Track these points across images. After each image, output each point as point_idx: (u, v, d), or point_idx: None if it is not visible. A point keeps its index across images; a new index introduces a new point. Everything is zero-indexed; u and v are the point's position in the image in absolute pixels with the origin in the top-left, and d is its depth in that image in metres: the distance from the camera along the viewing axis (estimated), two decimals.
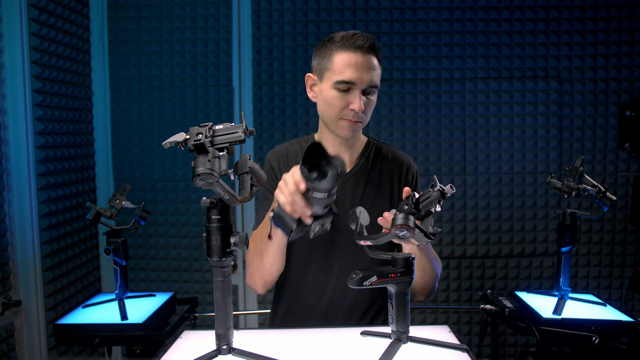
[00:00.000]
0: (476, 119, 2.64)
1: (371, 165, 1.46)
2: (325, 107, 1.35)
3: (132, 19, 2.66)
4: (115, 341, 1.76)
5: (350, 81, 1.28)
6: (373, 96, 1.35)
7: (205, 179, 0.88)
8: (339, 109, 1.32)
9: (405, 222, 0.96)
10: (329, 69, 1.32)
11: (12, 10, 2.00)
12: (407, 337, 1.06)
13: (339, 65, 1.30)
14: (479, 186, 2.65)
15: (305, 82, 1.43)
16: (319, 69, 1.36)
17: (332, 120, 1.35)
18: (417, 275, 1.32)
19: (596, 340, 1.64)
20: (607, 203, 1.74)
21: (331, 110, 1.34)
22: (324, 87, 1.34)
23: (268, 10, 2.63)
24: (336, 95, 1.31)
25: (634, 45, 2.58)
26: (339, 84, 1.29)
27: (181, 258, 2.72)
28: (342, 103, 1.31)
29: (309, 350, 1.12)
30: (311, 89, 1.42)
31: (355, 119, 1.33)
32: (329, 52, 1.33)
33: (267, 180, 1.43)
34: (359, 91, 1.29)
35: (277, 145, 1.52)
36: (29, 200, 2.08)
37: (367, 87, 1.31)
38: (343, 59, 1.29)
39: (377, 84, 1.33)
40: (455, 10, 2.62)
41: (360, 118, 1.33)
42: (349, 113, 1.32)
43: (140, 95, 2.70)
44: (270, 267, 1.33)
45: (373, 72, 1.31)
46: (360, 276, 0.99)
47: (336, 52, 1.31)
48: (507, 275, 2.69)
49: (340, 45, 1.31)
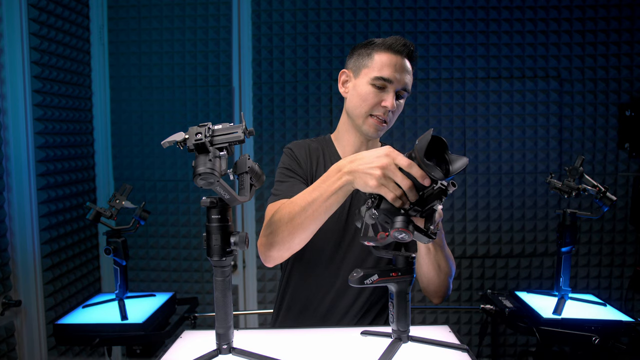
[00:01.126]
0: (476, 119, 2.64)
1: None
2: (358, 102, 1.39)
3: (132, 19, 2.66)
4: (115, 341, 1.75)
5: (387, 79, 1.34)
6: (402, 100, 1.40)
7: (206, 178, 0.88)
8: (371, 105, 1.36)
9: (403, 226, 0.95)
10: (368, 66, 1.37)
11: (12, 10, 2.00)
12: (407, 336, 1.06)
13: (379, 63, 1.35)
14: (479, 186, 2.65)
15: (339, 78, 1.47)
16: (356, 65, 1.41)
17: (362, 116, 1.38)
18: (433, 274, 1.33)
19: (596, 340, 1.64)
20: (607, 203, 1.74)
21: (364, 105, 1.37)
22: (359, 83, 1.38)
23: (268, 10, 2.63)
24: (371, 91, 1.35)
25: (634, 45, 2.58)
26: (376, 80, 1.34)
27: (181, 258, 2.72)
28: (376, 99, 1.36)
29: (309, 350, 1.12)
30: (344, 84, 1.46)
31: (384, 117, 1.37)
32: (370, 51, 1.38)
33: (289, 164, 1.44)
34: (393, 90, 1.35)
35: (295, 141, 1.53)
36: (29, 200, 2.08)
37: (400, 89, 1.36)
38: (383, 59, 1.35)
39: (409, 88, 1.39)
40: (455, 10, 2.62)
41: (388, 119, 1.38)
42: (380, 109, 1.36)
43: (140, 95, 2.70)
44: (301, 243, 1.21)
45: (408, 75, 1.37)
46: (361, 275, 0.99)
47: (378, 51, 1.36)
48: (507, 275, 2.69)
49: (382, 46, 1.37)
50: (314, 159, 1.46)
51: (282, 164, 1.45)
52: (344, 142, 1.48)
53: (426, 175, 0.92)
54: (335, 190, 1.07)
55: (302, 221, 1.15)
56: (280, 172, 1.44)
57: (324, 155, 1.48)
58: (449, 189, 0.98)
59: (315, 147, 1.49)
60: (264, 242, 1.24)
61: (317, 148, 1.49)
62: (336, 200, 1.10)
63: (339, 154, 1.48)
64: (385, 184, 0.97)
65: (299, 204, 1.15)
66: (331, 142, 1.52)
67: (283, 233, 1.18)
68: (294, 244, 1.21)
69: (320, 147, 1.50)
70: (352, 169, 1.03)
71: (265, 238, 1.23)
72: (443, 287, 1.38)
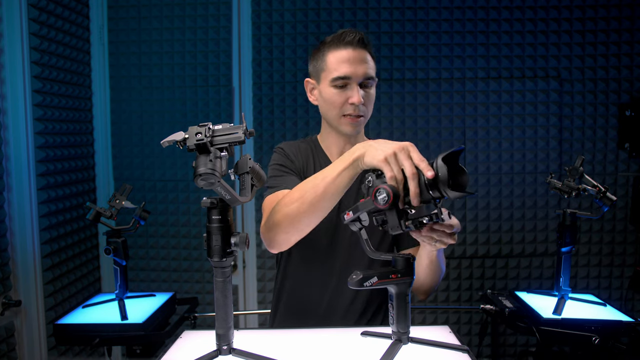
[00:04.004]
0: (476, 119, 2.64)
1: None
2: (327, 107, 1.38)
3: (132, 19, 2.66)
4: (115, 341, 1.75)
5: (345, 76, 1.32)
6: (371, 89, 1.37)
7: (207, 179, 0.88)
8: (339, 106, 1.36)
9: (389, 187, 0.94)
10: (324, 69, 1.37)
11: (12, 10, 2.00)
12: (407, 337, 1.06)
13: (333, 63, 1.34)
14: (479, 186, 2.65)
15: (305, 88, 1.47)
16: (315, 71, 1.41)
17: (335, 119, 1.38)
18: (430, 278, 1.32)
19: (596, 340, 1.64)
20: (607, 203, 1.74)
21: (332, 108, 1.37)
22: (322, 88, 1.38)
23: (268, 10, 2.63)
24: (335, 93, 1.35)
25: (634, 45, 2.58)
26: (336, 81, 1.34)
27: (181, 258, 2.72)
28: (342, 99, 1.35)
29: (309, 351, 1.12)
30: (311, 92, 1.45)
31: (356, 113, 1.35)
32: (322, 54, 1.38)
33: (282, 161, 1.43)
34: (355, 85, 1.33)
35: (284, 142, 1.53)
36: (29, 200, 2.08)
37: (363, 80, 1.34)
38: (336, 57, 1.34)
39: (372, 75, 1.36)
40: (455, 10, 2.62)
41: (362, 112, 1.36)
42: (350, 108, 1.35)
43: (140, 95, 2.70)
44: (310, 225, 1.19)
45: (366, 64, 1.34)
46: (361, 277, 0.99)
47: (328, 51, 1.36)
48: (507, 275, 2.69)
49: (331, 44, 1.36)
50: (304, 157, 1.47)
51: (274, 161, 1.45)
52: (328, 143, 1.48)
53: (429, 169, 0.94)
54: (347, 165, 1.07)
55: (312, 199, 1.12)
56: (274, 168, 1.42)
57: (312, 155, 1.49)
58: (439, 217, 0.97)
59: (304, 147, 1.50)
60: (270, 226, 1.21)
61: (306, 148, 1.50)
62: (348, 175, 1.09)
63: (326, 154, 1.49)
64: (390, 162, 0.98)
65: (311, 182, 1.13)
66: (318, 143, 1.52)
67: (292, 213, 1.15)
68: (302, 225, 1.17)
69: (309, 147, 1.50)
70: (367, 145, 1.05)
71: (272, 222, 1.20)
72: (434, 286, 1.38)
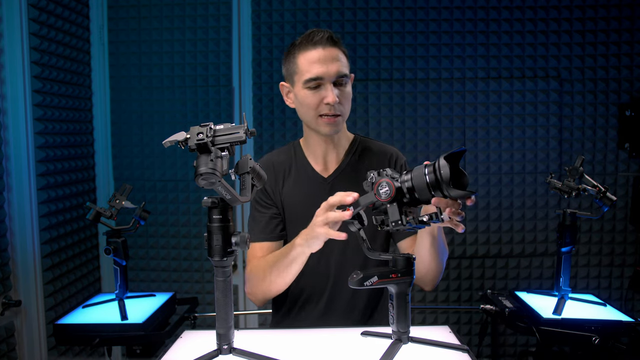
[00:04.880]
0: (476, 119, 2.64)
1: (359, 161, 1.48)
2: (303, 109, 1.38)
3: (132, 19, 2.66)
4: (115, 341, 1.75)
5: (317, 77, 1.32)
6: (346, 87, 1.37)
7: (208, 178, 0.88)
8: (314, 107, 1.35)
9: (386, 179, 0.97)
10: (297, 71, 1.36)
11: (12, 10, 1.99)
12: (407, 337, 1.06)
13: (304, 65, 1.34)
14: (479, 186, 2.65)
15: (281, 92, 1.46)
16: (289, 74, 1.41)
17: (312, 120, 1.38)
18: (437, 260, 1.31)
19: (596, 340, 1.64)
20: (607, 203, 1.74)
21: (308, 110, 1.37)
22: (297, 90, 1.38)
23: (268, 10, 2.63)
24: (309, 94, 1.35)
25: (634, 45, 2.58)
26: (309, 82, 1.33)
27: (181, 258, 2.72)
28: (316, 100, 1.34)
29: (309, 350, 1.12)
30: (287, 96, 1.46)
31: (332, 112, 1.34)
32: (293, 56, 1.38)
33: (258, 196, 1.46)
34: (329, 84, 1.33)
35: (260, 159, 1.53)
36: (29, 200, 2.08)
37: (336, 78, 1.33)
38: (306, 58, 1.34)
39: (345, 72, 1.35)
40: (455, 10, 2.62)
41: (338, 111, 1.35)
42: (325, 108, 1.34)
43: (140, 95, 2.70)
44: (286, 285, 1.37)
45: (338, 62, 1.33)
46: (361, 276, 0.99)
47: (299, 53, 1.36)
48: (507, 275, 2.69)
49: (300, 46, 1.36)
50: (280, 175, 1.47)
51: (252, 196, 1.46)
52: (311, 146, 1.48)
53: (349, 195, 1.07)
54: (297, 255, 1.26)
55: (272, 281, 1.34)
56: (252, 205, 1.49)
57: (290, 165, 1.48)
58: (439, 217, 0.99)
59: (280, 161, 1.49)
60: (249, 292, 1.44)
61: (282, 162, 1.49)
62: (298, 264, 1.28)
63: (307, 159, 1.48)
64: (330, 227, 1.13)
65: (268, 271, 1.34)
66: (300, 148, 1.51)
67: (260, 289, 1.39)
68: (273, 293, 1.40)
69: (287, 158, 1.50)
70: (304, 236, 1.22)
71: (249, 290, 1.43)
72: (440, 272, 1.37)
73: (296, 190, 1.46)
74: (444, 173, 0.92)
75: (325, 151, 1.46)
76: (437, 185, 0.93)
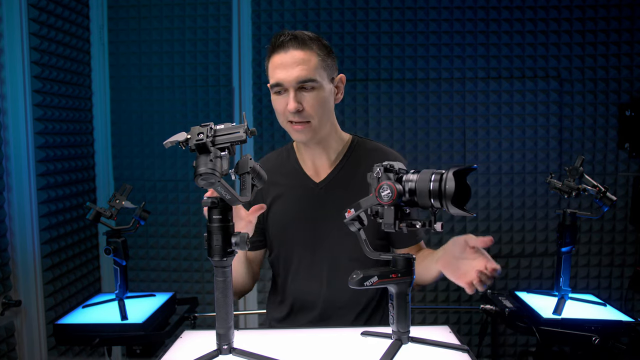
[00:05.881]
0: (476, 119, 2.64)
1: (355, 163, 1.41)
2: (277, 115, 1.34)
3: (132, 19, 2.66)
4: (115, 341, 1.75)
5: (277, 83, 1.27)
6: (315, 92, 1.27)
7: (207, 178, 0.88)
8: (281, 113, 1.31)
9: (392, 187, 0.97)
10: (268, 76, 1.31)
11: (12, 10, 1.99)
12: (407, 337, 1.06)
13: (270, 69, 1.29)
14: (479, 186, 2.65)
15: None
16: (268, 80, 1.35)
17: (284, 126, 1.34)
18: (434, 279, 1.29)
19: (596, 340, 1.64)
20: (607, 203, 1.74)
21: (279, 117, 1.33)
22: (272, 96, 1.33)
23: (268, 10, 2.63)
24: (275, 99, 1.30)
25: (634, 45, 2.58)
26: (273, 88, 1.29)
27: (181, 258, 2.72)
28: (282, 106, 1.29)
29: (309, 350, 1.12)
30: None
31: (297, 119, 1.28)
32: (266, 60, 1.32)
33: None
34: (290, 90, 1.25)
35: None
36: (29, 200, 2.08)
37: (297, 84, 1.25)
38: (272, 62, 1.28)
39: (309, 77, 1.25)
40: (455, 10, 2.62)
41: (306, 117, 1.28)
42: (290, 115, 1.28)
43: (140, 95, 2.70)
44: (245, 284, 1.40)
45: (299, 66, 1.24)
46: (361, 276, 0.99)
47: (268, 58, 1.30)
48: (507, 275, 2.69)
49: (270, 49, 1.30)
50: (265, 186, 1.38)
51: None
52: (300, 149, 1.44)
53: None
54: None
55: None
56: None
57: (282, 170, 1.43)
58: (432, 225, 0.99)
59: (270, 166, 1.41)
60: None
61: (273, 166, 1.44)
62: None
63: (299, 161, 1.44)
64: None
65: None
66: (292, 151, 1.47)
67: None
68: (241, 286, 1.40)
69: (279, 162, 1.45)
70: None
71: None
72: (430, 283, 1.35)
73: (286, 196, 1.41)
74: (448, 187, 0.92)
75: (313, 155, 1.41)
76: (438, 197, 0.93)
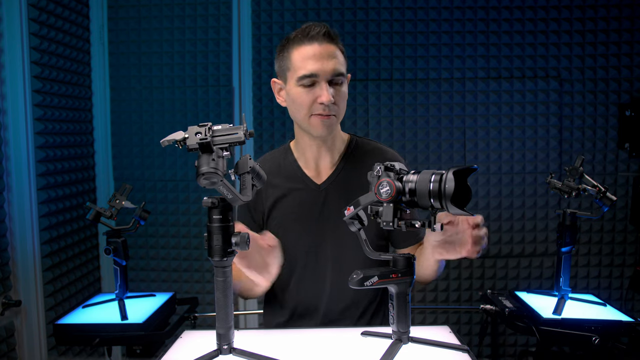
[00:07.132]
0: (476, 119, 2.64)
1: (355, 163, 1.39)
2: (295, 107, 1.29)
3: (132, 19, 2.66)
4: (115, 341, 1.75)
5: (312, 74, 1.23)
6: (342, 86, 1.28)
7: (210, 178, 0.88)
8: (307, 106, 1.26)
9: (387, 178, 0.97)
10: (290, 68, 1.27)
11: (12, 10, 1.99)
12: (407, 337, 1.06)
13: (299, 61, 1.25)
14: (479, 186, 2.65)
15: (273, 89, 1.38)
16: (282, 70, 1.32)
17: (304, 120, 1.29)
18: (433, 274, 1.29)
19: (596, 340, 1.64)
20: (607, 203, 1.74)
21: (301, 109, 1.27)
22: (289, 88, 1.29)
23: (268, 10, 2.63)
24: (302, 92, 1.25)
25: (634, 45, 2.58)
26: (302, 80, 1.24)
27: (181, 258, 2.72)
28: (310, 99, 1.25)
29: (309, 350, 1.12)
30: (279, 94, 1.36)
31: (326, 112, 1.26)
32: (287, 52, 1.28)
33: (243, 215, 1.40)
34: (324, 82, 1.24)
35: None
36: (29, 200, 2.08)
37: (332, 77, 1.24)
38: (301, 54, 1.24)
39: (342, 71, 1.26)
40: (455, 10, 2.62)
41: (333, 111, 1.27)
42: (319, 107, 1.25)
43: (140, 95, 2.70)
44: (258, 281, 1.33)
45: (335, 59, 1.24)
46: (361, 276, 0.99)
47: (293, 49, 1.26)
48: (507, 275, 2.69)
49: (295, 40, 1.26)
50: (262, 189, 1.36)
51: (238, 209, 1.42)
52: (302, 148, 1.39)
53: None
54: None
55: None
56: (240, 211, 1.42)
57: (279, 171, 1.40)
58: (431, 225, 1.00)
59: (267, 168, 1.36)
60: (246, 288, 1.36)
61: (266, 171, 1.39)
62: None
63: (297, 162, 1.41)
64: None
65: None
66: (290, 151, 1.43)
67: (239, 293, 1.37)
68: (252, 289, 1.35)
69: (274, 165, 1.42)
70: None
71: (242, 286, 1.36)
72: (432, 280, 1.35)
73: (287, 199, 1.38)
74: (448, 187, 0.91)
75: (318, 155, 1.37)
76: (438, 197, 0.93)
